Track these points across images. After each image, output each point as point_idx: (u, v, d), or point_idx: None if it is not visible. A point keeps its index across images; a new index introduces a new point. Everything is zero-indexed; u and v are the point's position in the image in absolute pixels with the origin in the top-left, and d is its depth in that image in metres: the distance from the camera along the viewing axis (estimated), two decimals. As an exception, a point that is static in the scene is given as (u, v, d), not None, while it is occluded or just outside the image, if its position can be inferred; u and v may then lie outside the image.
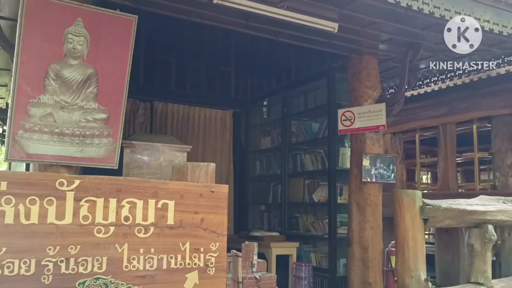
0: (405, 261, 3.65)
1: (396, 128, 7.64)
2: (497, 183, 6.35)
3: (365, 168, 4.85)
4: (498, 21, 3.73)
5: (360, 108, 4.90)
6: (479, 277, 4.05)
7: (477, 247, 4.08)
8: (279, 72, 6.55)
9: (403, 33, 4.26)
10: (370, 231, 4.85)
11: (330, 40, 4.46)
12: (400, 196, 3.71)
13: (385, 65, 5.19)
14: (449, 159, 6.98)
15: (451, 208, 3.85)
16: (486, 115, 6.45)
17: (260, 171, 7.12)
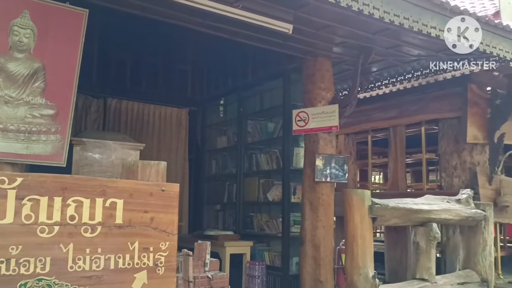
0: (354, 258, 3.76)
1: (349, 129, 7.83)
2: (443, 183, 6.64)
3: (318, 168, 4.94)
4: (444, 27, 3.90)
5: (314, 109, 4.99)
6: (424, 273, 4.23)
7: (422, 244, 4.25)
8: (235, 71, 6.56)
9: (355, 37, 4.38)
10: (322, 230, 4.95)
11: (285, 41, 4.52)
12: (350, 196, 3.82)
13: (339, 67, 5.31)
14: (398, 160, 7.22)
15: (398, 207, 4.00)
16: (433, 118, 6.72)
17: (216, 170, 7.10)
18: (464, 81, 6.07)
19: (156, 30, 5.38)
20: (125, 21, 4.98)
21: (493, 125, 6.26)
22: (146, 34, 5.84)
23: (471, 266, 4.69)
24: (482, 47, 4.21)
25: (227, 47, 5.65)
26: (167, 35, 5.66)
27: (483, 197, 6.13)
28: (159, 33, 5.64)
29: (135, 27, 5.52)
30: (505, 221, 6.66)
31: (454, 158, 6.43)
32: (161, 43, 6.45)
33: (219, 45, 5.67)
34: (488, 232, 4.73)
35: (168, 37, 5.96)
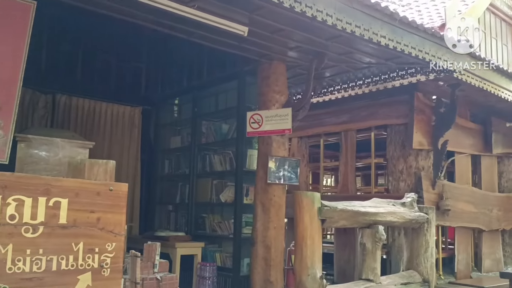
0: (303, 259, 3.83)
1: (302, 133, 7.97)
2: (390, 187, 6.88)
3: (271, 170, 5.00)
4: (393, 37, 4.06)
5: (268, 112, 5.05)
6: (369, 273, 4.37)
7: (368, 246, 4.39)
8: (191, 71, 6.52)
9: (309, 42, 4.47)
10: (273, 231, 5.01)
11: (241, 43, 4.55)
12: (300, 198, 3.89)
13: (293, 71, 5.39)
14: (349, 163, 7.43)
15: (346, 209, 4.11)
16: (382, 124, 6.97)
17: (169, 170, 7.02)
18: (411, 90, 6.33)
19: (109, 26, 5.26)
20: (77, 15, 4.85)
21: (437, 132, 6.56)
22: (99, 29, 5.70)
23: (414, 267, 4.89)
24: (428, 57, 4.42)
25: (183, 47, 5.61)
26: (121, 31, 5.56)
27: (427, 201, 6.41)
28: (112, 29, 5.52)
29: (87, 22, 5.38)
30: (446, 224, 6.99)
31: (401, 163, 6.68)
32: (115, 39, 6.31)
33: (175, 44, 5.63)
34: (430, 234, 4.96)
35: (122, 34, 5.85)
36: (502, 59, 9.01)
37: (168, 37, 4.63)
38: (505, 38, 9.30)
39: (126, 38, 6.19)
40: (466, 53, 5.08)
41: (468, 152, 7.58)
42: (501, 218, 8.00)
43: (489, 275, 7.53)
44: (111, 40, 6.34)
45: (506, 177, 8.46)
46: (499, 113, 7.85)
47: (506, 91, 6.47)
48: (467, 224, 7.30)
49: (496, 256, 7.97)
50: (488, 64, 5.87)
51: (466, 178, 7.60)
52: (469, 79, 5.60)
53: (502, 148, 8.14)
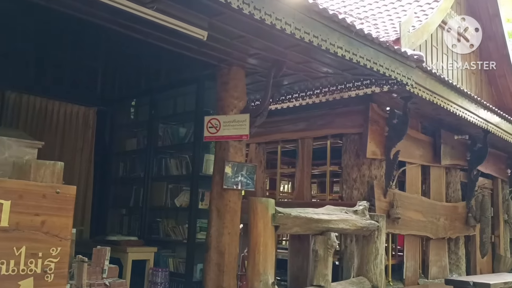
0: (255, 265, 3.84)
1: (260, 139, 8.02)
2: (344, 195, 7.03)
3: (227, 175, 4.99)
4: (349, 48, 4.16)
5: (226, 117, 5.05)
6: (320, 280, 4.42)
7: (320, 252, 4.45)
8: (149, 73, 6.43)
9: (269, 50, 4.51)
10: (228, 236, 4.99)
11: (201, 47, 4.53)
12: (255, 204, 3.91)
13: (252, 77, 5.42)
14: (305, 170, 7.54)
15: (300, 216, 4.16)
16: (338, 133, 7.12)
17: (123, 173, 6.87)
18: (367, 101, 6.51)
19: (65, 23, 5.11)
20: (29, 10, 4.67)
21: (390, 143, 6.77)
22: (53, 26, 5.52)
23: (364, 273, 5.00)
24: (382, 70, 4.56)
25: (142, 48, 5.51)
26: (77, 29, 5.41)
27: (378, 209, 6.59)
28: (68, 27, 5.37)
29: (40, 18, 5.20)
30: (396, 232, 7.21)
31: (355, 171, 6.84)
32: (70, 37, 6.13)
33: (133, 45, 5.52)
34: (380, 241, 5.09)
35: (79, 32, 5.69)
36: (452, 75, 9.45)
37: (126, 37, 4.54)
38: (456, 54, 9.75)
39: (83, 37, 6.02)
40: (418, 67, 5.28)
41: (418, 162, 7.87)
42: (447, 226, 8.34)
43: (435, 281, 7.81)
44: (67, 38, 6.15)
45: (453, 188, 8.83)
46: (448, 126, 8.20)
47: (455, 105, 6.76)
48: (416, 232, 7.56)
49: (442, 263, 8.29)
50: (438, 78, 6.14)
51: (416, 187, 7.88)
52: (420, 92, 5.83)
53: (450, 160, 8.50)
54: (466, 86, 9.81)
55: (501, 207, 10.80)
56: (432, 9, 8.05)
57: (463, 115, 7.05)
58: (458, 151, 8.73)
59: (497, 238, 10.54)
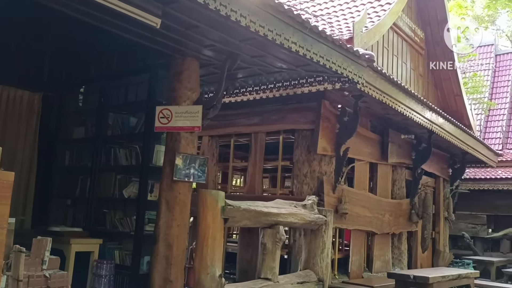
0: (203, 258, 3.83)
1: (214, 132, 7.98)
2: (294, 190, 7.13)
3: (178, 167, 4.93)
4: (303, 44, 4.21)
5: (178, 108, 4.97)
6: (268, 273, 4.47)
7: (269, 245, 4.49)
8: (100, 59, 6.21)
9: (224, 42, 4.48)
10: (177, 229, 4.94)
11: (154, 36, 4.43)
12: (204, 196, 3.89)
13: (207, 69, 5.37)
14: (257, 165, 7.58)
15: (249, 209, 4.18)
16: (291, 128, 7.21)
17: (70, 162, 6.62)
18: (319, 97, 6.62)
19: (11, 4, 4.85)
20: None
21: (340, 140, 6.93)
22: None
23: (311, 266, 5.11)
24: (335, 67, 4.64)
25: (93, 33, 5.32)
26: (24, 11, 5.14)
27: (327, 204, 6.74)
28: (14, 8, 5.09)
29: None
30: (344, 227, 7.40)
31: (306, 166, 6.95)
32: (16, 19, 5.81)
33: (83, 30, 5.32)
34: (327, 235, 5.20)
35: (25, 14, 5.41)
36: (401, 76, 9.80)
37: (76, 21, 4.37)
38: (405, 56, 10.11)
39: (30, 19, 5.72)
40: (369, 66, 5.43)
41: (367, 160, 8.11)
42: (391, 222, 8.65)
43: (378, 275, 8.10)
44: (12, 19, 5.83)
45: (399, 185, 9.18)
46: (395, 126, 8.49)
47: (402, 105, 7.01)
48: (362, 227, 7.80)
49: (385, 257, 8.60)
50: (388, 78, 6.33)
51: (364, 184, 8.12)
52: (370, 91, 5.99)
53: (396, 158, 8.82)
54: (414, 87, 10.20)
55: (442, 205, 11.34)
56: (385, 11, 8.30)
57: (410, 115, 7.33)
58: (404, 150, 9.08)
59: (437, 234, 11.07)
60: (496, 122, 16.69)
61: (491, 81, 17.95)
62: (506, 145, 16.03)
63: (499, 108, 17.00)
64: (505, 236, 14.12)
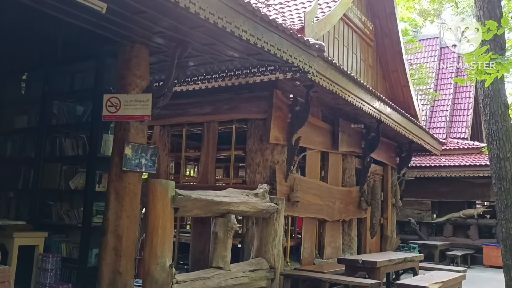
0: (152, 248, 3.79)
1: (165, 121, 7.85)
2: (248, 179, 7.15)
3: (127, 157, 4.81)
4: (254, 33, 4.20)
5: (127, 96, 4.84)
6: (219, 261, 4.49)
7: (220, 234, 4.51)
8: (43, 45, 5.91)
9: (173, 29, 4.39)
10: (127, 220, 4.83)
11: (100, 21, 4.28)
12: (154, 186, 3.83)
13: (157, 57, 5.25)
14: (210, 154, 7.53)
15: (200, 198, 4.16)
16: (243, 118, 7.21)
17: (12, 153, 6.29)
18: (271, 87, 6.65)
19: None
20: None
21: (292, 129, 7.01)
22: None
23: (263, 254, 5.17)
24: (286, 56, 4.67)
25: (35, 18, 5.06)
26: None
27: (279, 192, 6.82)
28: None
29: None
30: (295, 215, 7.52)
31: (258, 156, 6.99)
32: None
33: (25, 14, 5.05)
34: (279, 223, 5.28)
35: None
36: (351, 66, 10.01)
37: (18, 5, 4.13)
38: (356, 47, 10.33)
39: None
40: (319, 56, 5.50)
41: (318, 149, 8.26)
42: (342, 210, 8.89)
43: (329, 261, 8.31)
44: None
45: (349, 173, 9.42)
46: (346, 115, 8.69)
47: (352, 95, 7.18)
48: (313, 215, 7.96)
49: (336, 244, 8.84)
50: (338, 68, 6.45)
51: (315, 172, 8.27)
52: (321, 81, 6.08)
53: (346, 147, 9.04)
54: (363, 78, 10.47)
55: (390, 192, 11.76)
56: (335, 2, 8.43)
57: (360, 105, 7.51)
58: (354, 139, 9.32)
59: (385, 221, 11.49)
60: (440, 113, 17.46)
61: (436, 72, 18.73)
62: (449, 134, 16.82)
63: (443, 99, 17.79)
64: (448, 221, 14.87)
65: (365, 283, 6.27)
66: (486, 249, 13.31)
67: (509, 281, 6.22)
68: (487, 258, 13.26)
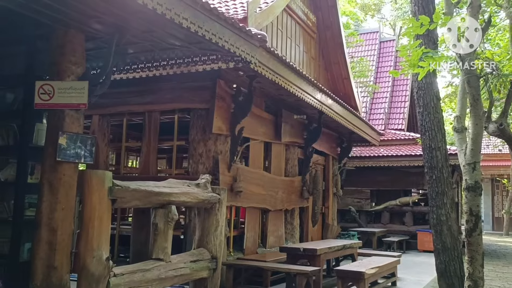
0: (88, 241, 3.66)
1: (105, 111, 7.60)
2: (190, 169, 7.09)
3: (62, 147, 4.59)
4: (195, 21, 4.12)
5: (61, 83, 4.61)
6: (160, 253, 4.43)
7: (160, 226, 4.44)
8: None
9: (110, 14, 4.22)
10: (62, 212, 4.62)
11: (31, 3, 4.03)
12: (89, 176, 3.70)
13: (94, 43, 5.03)
14: (151, 145, 7.39)
15: (139, 189, 4.07)
16: (186, 107, 7.12)
17: None
18: (214, 77, 6.61)
19: None
20: None
21: (235, 119, 7.02)
22: None
23: (204, 244, 5.15)
24: (227, 46, 4.63)
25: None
26: None
27: (222, 183, 6.81)
28: None
29: None
30: (238, 205, 7.56)
31: (201, 146, 6.94)
32: None
33: None
34: (221, 213, 5.27)
35: None
36: (294, 58, 10.14)
37: None
38: (299, 39, 10.46)
39: None
40: (262, 47, 5.51)
41: (261, 139, 8.33)
42: (284, 199, 9.04)
43: (272, 250, 8.44)
44: None
45: (291, 163, 9.59)
46: (289, 106, 8.81)
47: (295, 86, 7.28)
48: (256, 204, 8.04)
49: (279, 233, 8.99)
50: (281, 59, 6.50)
51: (259, 163, 8.34)
52: (264, 71, 6.11)
53: (289, 138, 9.18)
54: (306, 70, 10.65)
55: (331, 181, 12.11)
56: (279, -7, 8.47)
57: (302, 96, 7.64)
58: (297, 130, 9.48)
59: (327, 209, 11.83)
60: (380, 105, 18.14)
61: (376, 66, 19.41)
62: (388, 125, 17.53)
63: (382, 91, 18.48)
64: (385, 209, 15.53)
65: (305, 270, 6.42)
66: (420, 235, 14.04)
67: (439, 264, 6.61)
68: (421, 243, 14.00)
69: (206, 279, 4.94)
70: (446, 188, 6.55)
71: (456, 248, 6.41)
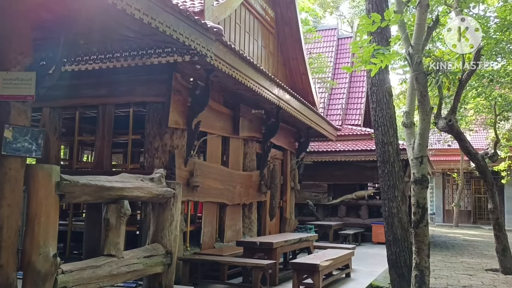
0: (34, 238, 3.54)
1: (56, 103, 7.35)
2: (146, 164, 6.96)
3: (7, 140, 4.40)
4: (148, 12, 4.05)
5: (7, 74, 4.41)
6: (111, 249, 4.33)
7: (112, 221, 4.35)
8: None
9: (60, 3, 4.09)
10: (7, 208, 4.43)
11: (-29, -12, 3.83)
12: (35, 171, 3.58)
13: (42, 32, 4.84)
14: (106, 139, 7.20)
15: (89, 184, 3.96)
16: (141, 101, 6.97)
17: None
18: (170, 70, 6.50)
19: None
20: None
21: (192, 113, 6.94)
22: None
23: (159, 239, 5.08)
24: (182, 38, 4.58)
25: None
26: None
27: (179, 177, 6.74)
28: None
29: None
30: (195, 199, 7.50)
31: (157, 140, 6.82)
32: None
33: None
34: (176, 208, 5.21)
35: None
36: (252, 53, 10.14)
37: None
38: (257, 34, 10.47)
39: None
40: (218, 40, 5.48)
41: (219, 133, 8.29)
42: (242, 194, 9.06)
43: (229, 244, 8.44)
44: None
45: (250, 158, 9.61)
46: (247, 101, 8.81)
47: (252, 81, 7.28)
48: (214, 199, 8.01)
49: (236, 227, 9.00)
50: (238, 54, 6.49)
51: (216, 157, 8.30)
52: (220, 65, 6.08)
53: (247, 132, 9.19)
54: (264, 65, 10.68)
55: (289, 176, 12.23)
56: (236, -14, 8.44)
57: (259, 91, 7.65)
58: (255, 125, 9.50)
59: (284, 203, 11.94)
60: (337, 100, 18.47)
61: (334, 62, 19.73)
62: (345, 121, 17.88)
63: (339, 87, 18.82)
64: (342, 202, 15.87)
65: (261, 264, 6.47)
66: (374, 227, 14.45)
67: (390, 255, 6.83)
68: (375, 235, 14.42)
69: (160, 275, 4.89)
70: (397, 182, 6.77)
71: (406, 240, 6.64)
